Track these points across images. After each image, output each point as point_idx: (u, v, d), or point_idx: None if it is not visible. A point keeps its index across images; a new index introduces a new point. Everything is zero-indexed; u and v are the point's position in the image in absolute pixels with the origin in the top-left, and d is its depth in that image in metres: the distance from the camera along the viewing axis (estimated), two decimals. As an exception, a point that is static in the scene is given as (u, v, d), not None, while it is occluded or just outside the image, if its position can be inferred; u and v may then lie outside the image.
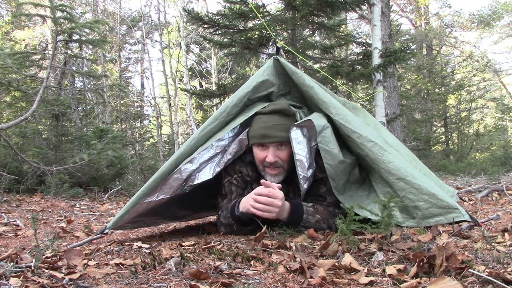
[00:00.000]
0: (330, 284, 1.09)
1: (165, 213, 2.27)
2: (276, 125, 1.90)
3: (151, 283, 1.13)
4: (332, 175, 1.84)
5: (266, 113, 1.94)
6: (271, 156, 1.90)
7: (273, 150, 1.91)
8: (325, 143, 1.83)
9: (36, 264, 1.26)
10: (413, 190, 1.72)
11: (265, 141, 1.90)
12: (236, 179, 2.04)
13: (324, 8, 5.36)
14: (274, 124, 1.90)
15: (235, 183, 2.04)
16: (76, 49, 8.89)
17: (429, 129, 14.87)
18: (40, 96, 4.70)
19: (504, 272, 1.06)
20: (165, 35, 15.98)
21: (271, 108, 1.94)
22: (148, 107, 19.06)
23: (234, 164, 2.04)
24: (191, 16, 5.73)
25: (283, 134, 1.89)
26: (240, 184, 2.05)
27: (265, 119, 1.92)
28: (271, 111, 1.94)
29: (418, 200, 1.71)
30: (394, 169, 1.76)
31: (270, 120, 1.91)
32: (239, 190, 2.03)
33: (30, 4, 6.24)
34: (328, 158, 1.83)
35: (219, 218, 1.99)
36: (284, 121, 1.92)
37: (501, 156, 9.01)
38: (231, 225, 1.86)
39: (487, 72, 16.52)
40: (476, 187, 3.72)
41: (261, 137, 1.91)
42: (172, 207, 2.25)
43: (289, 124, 1.90)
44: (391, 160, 1.79)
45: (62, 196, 4.75)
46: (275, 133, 1.89)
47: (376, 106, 5.56)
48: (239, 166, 2.05)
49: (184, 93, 14.91)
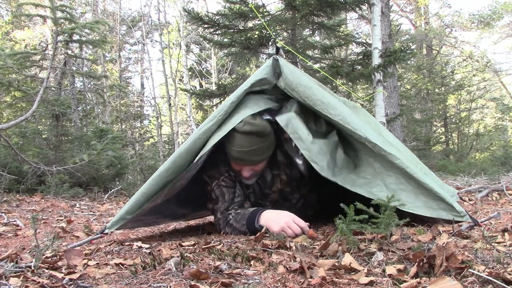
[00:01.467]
0: (330, 284, 1.09)
1: (165, 211, 2.27)
2: (251, 150, 1.89)
3: (151, 283, 1.13)
4: (311, 158, 1.85)
5: (242, 132, 1.87)
6: (246, 173, 1.97)
7: (248, 168, 1.97)
8: (294, 131, 1.88)
9: (36, 264, 1.26)
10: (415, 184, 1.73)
11: (240, 163, 1.95)
12: (224, 180, 2.04)
13: (324, 8, 5.36)
14: (249, 149, 1.88)
15: (224, 184, 2.03)
16: (76, 49, 8.89)
17: (429, 129, 14.86)
18: (40, 96, 4.70)
19: (504, 272, 1.06)
20: (165, 35, 15.99)
21: (247, 129, 1.86)
22: (148, 107, 19.08)
23: (216, 167, 2.04)
24: (191, 16, 5.73)
25: (259, 157, 1.93)
26: (229, 184, 2.04)
27: (240, 142, 1.88)
28: (248, 132, 1.86)
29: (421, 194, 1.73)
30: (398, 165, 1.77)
31: (246, 143, 1.87)
32: (230, 189, 2.03)
33: (30, 5, 6.24)
34: (301, 144, 1.87)
35: (226, 221, 1.96)
36: (259, 143, 1.90)
37: (501, 156, 9.00)
38: (244, 232, 1.87)
39: (487, 72, 16.51)
40: (476, 187, 3.72)
41: (236, 159, 1.93)
42: (172, 206, 2.25)
43: (264, 144, 1.91)
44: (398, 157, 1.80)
45: (62, 196, 4.75)
46: (250, 157, 1.91)
47: (376, 106, 5.56)
48: (223, 166, 2.04)
49: (184, 93, 14.92)
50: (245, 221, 1.87)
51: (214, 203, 2.03)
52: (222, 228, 1.97)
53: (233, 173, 2.05)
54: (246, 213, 1.90)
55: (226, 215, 1.96)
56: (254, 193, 2.14)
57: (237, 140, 1.88)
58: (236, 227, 1.90)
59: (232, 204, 2.00)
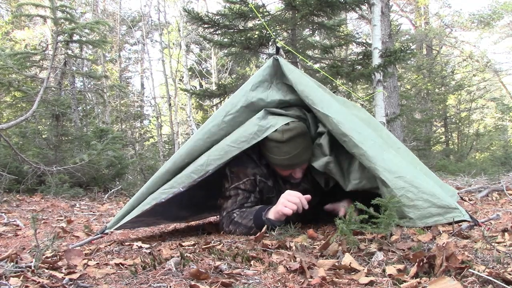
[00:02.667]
0: (330, 284, 1.09)
1: (166, 213, 2.27)
2: (299, 152, 1.90)
3: (151, 283, 1.13)
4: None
5: (286, 141, 1.86)
6: (299, 174, 2.00)
7: (299, 169, 1.98)
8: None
9: (36, 264, 1.26)
10: (413, 188, 1.69)
11: (293, 168, 1.96)
12: (245, 183, 2.00)
13: (324, 8, 5.36)
14: (297, 152, 1.89)
15: (243, 187, 1.99)
16: (77, 49, 8.89)
17: (429, 129, 14.86)
18: (40, 96, 4.70)
19: (504, 272, 1.06)
20: (165, 35, 15.99)
21: (288, 136, 1.87)
22: (148, 107, 19.08)
23: (245, 166, 2.00)
24: (191, 16, 5.73)
25: (307, 155, 1.95)
26: (248, 188, 2.00)
27: (286, 149, 1.88)
28: (290, 138, 1.87)
29: (417, 199, 1.68)
30: (393, 167, 1.74)
31: (292, 149, 1.88)
32: (246, 194, 1.99)
33: (30, 5, 6.24)
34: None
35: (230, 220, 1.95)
36: (304, 143, 1.91)
37: (501, 156, 9.00)
38: (250, 227, 1.86)
39: (487, 72, 16.51)
40: (476, 187, 3.71)
41: (288, 166, 1.94)
42: (172, 208, 2.25)
43: (307, 141, 1.93)
44: (390, 158, 1.78)
45: (62, 196, 4.75)
46: (301, 158, 1.92)
47: (376, 106, 5.56)
48: (252, 168, 2.01)
49: (184, 93, 14.92)
50: (252, 216, 1.87)
51: (225, 201, 2.01)
52: (225, 227, 1.96)
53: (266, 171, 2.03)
54: (253, 210, 1.91)
55: (230, 214, 1.96)
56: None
57: (283, 149, 1.88)
58: (241, 223, 1.89)
59: (240, 208, 1.98)
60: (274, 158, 1.92)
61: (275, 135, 1.87)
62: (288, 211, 1.77)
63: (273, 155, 1.92)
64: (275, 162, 1.94)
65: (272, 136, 1.88)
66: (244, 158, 1.99)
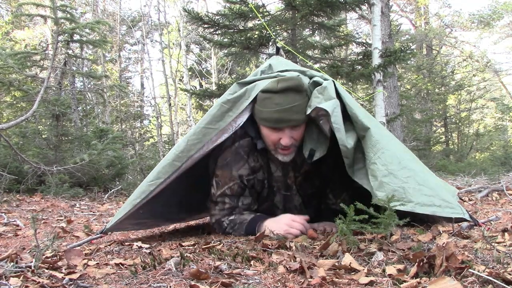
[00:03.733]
0: (330, 284, 1.09)
1: (166, 215, 2.28)
2: (292, 107, 1.71)
3: (151, 283, 1.13)
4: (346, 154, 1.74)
5: (278, 91, 1.71)
6: (287, 139, 1.77)
7: (288, 132, 1.77)
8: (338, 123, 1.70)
9: (36, 264, 1.26)
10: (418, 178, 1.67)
11: (281, 126, 1.75)
12: (231, 188, 1.89)
13: (324, 8, 5.36)
14: (289, 106, 1.71)
15: (229, 193, 1.89)
16: (77, 49, 8.90)
17: (429, 129, 14.86)
18: (41, 96, 4.70)
19: (504, 272, 1.06)
20: (165, 35, 16.00)
21: (283, 86, 1.70)
22: (148, 107, 19.08)
23: (230, 170, 1.88)
24: (191, 16, 5.73)
25: (300, 116, 1.74)
26: (236, 193, 1.89)
27: (278, 100, 1.71)
28: (284, 89, 1.70)
29: (420, 189, 1.66)
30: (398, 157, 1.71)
31: (285, 101, 1.70)
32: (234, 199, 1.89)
33: (31, 4, 6.25)
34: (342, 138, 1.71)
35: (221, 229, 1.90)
36: (299, 100, 1.73)
37: (501, 156, 9.00)
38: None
39: (487, 72, 16.51)
40: (476, 187, 3.72)
41: (276, 122, 1.74)
42: (173, 209, 2.25)
43: (304, 102, 1.75)
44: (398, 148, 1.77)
45: (62, 196, 4.75)
46: (292, 116, 1.73)
47: (376, 106, 5.56)
48: (237, 169, 1.88)
49: (184, 93, 14.93)
50: (243, 231, 1.82)
51: (214, 206, 1.95)
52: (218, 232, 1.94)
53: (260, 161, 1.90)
54: (244, 222, 1.83)
55: (221, 223, 1.90)
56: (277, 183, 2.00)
57: (275, 100, 1.71)
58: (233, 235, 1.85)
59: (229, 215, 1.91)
60: (263, 112, 1.75)
61: (270, 84, 1.73)
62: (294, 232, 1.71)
63: (262, 107, 1.75)
64: (264, 116, 1.76)
65: (266, 87, 1.74)
66: (228, 157, 1.89)
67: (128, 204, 1.85)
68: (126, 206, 1.86)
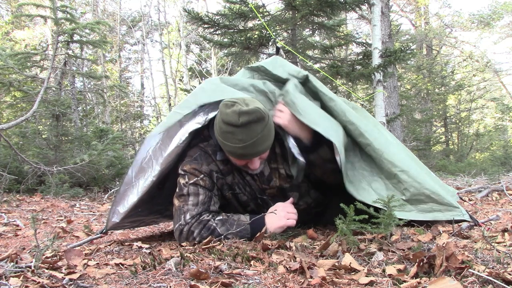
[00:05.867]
0: (330, 284, 1.09)
1: (164, 212, 2.28)
2: (256, 140, 1.60)
3: (151, 283, 1.13)
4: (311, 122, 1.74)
5: (240, 126, 1.56)
6: (255, 165, 1.72)
7: (256, 160, 1.71)
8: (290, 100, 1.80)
9: (36, 264, 1.26)
10: (416, 184, 1.69)
11: (247, 158, 1.68)
12: (203, 180, 1.77)
13: (324, 8, 5.36)
14: (253, 140, 1.59)
15: (202, 184, 1.77)
16: (77, 49, 8.90)
17: (429, 129, 14.87)
18: (41, 96, 4.70)
19: (504, 272, 1.06)
20: (165, 35, 16.00)
21: (245, 120, 1.55)
22: (148, 107, 19.08)
23: (200, 164, 1.79)
24: (191, 16, 5.73)
25: (265, 145, 1.65)
26: (208, 186, 1.78)
27: (241, 136, 1.58)
28: (245, 123, 1.56)
29: (420, 195, 1.69)
30: (398, 161, 1.74)
31: (248, 137, 1.58)
32: (208, 193, 1.77)
33: (31, 5, 6.25)
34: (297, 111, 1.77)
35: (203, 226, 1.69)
36: (262, 129, 1.60)
37: (501, 156, 9.00)
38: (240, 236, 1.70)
39: (487, 72, 16.51)
40: (476, 187, 3.72)
41: (242, 156, 1.66)
42: (170, 206, 2.25)
43: (267, 128, 1.62)
44: (395, 152, 1.78)
45: (62, 196, 4.75)
46: (257, 148, 1.63)
47: (376, 106, 5.56)
48: (207, 164, 1.80)
49: (184, 93, 14.91)
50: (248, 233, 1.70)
51: (184, 202, 1.74)
52: (188, 234, 1.69)
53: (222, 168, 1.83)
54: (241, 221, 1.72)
55: (202, 220, 1.71)
56: (251, 188, 1.90)
57: (237, 135, 1.58)
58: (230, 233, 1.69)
59: (206, 212, 1.75)
60: (226, 145, 1.64)
61: (230, 116, 1.57)
62: (292, 222, 1.74)
63: (225, 140, 1.63)
64: (228, 149, 1.66)
65: (226, 118, 1.58)
66: (197, 155, 1.82)
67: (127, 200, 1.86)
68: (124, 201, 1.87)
